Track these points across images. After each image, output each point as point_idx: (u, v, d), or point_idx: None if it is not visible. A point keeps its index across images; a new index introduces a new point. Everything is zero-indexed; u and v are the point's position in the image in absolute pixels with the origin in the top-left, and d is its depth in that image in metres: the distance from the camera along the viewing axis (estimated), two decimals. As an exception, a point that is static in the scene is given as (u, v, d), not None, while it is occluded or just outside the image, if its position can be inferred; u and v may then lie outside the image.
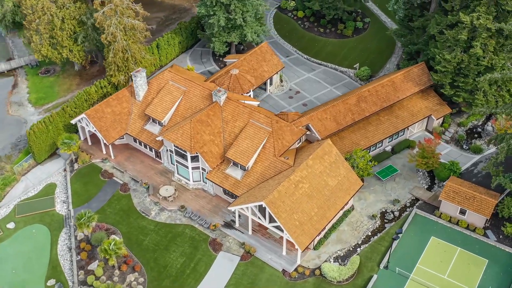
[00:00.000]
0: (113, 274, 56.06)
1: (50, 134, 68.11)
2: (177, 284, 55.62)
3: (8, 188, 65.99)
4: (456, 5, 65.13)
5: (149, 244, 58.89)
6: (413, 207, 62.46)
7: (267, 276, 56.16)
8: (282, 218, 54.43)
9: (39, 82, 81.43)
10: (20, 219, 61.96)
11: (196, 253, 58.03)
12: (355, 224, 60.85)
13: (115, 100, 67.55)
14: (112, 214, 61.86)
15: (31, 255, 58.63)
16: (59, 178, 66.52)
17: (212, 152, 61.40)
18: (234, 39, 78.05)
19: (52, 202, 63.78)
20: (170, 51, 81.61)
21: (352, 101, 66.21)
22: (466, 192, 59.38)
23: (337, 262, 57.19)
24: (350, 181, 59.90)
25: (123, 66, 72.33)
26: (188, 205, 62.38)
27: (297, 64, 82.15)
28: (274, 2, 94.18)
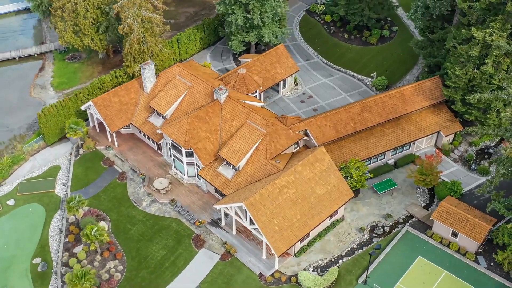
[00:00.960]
0: (95, 259, 57.48)
1: (61, 118, 70.38)
2: (154, 276, 56.40)
3: (16, 166, 68.72)
4: (473, 19, 62.71)
5: (135, 234, 59.97)
6: (405, 224, 60.73)
7: (243, 278, 56.07)
8: (261, 221, 54.19)
9: (64, 67, 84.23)
10: (21, 197, 64.41)
11: (178, 248, 58.63)
12: (342, 235, 59.79)
13: (124, 90, 69.05)
14: (105, 201, 63.36)
15: (24, 232, 60.87)
16: (64, 161, 68.70)
17: (206, 149, 61.80)
18: (252, 39, 78.11)
19: (53, 183, 65.96)
20: (191, 46, 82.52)
21: (356, 110, 64.97)
22: (460, 214, 57.21)
23: (315, 272, 56.40)
24: (340, 191, 58.88)
25: (138, 57, 73.79)
26: (180, 199, 63.07)
27: (315, 68, 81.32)
28: (304, 5, 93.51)
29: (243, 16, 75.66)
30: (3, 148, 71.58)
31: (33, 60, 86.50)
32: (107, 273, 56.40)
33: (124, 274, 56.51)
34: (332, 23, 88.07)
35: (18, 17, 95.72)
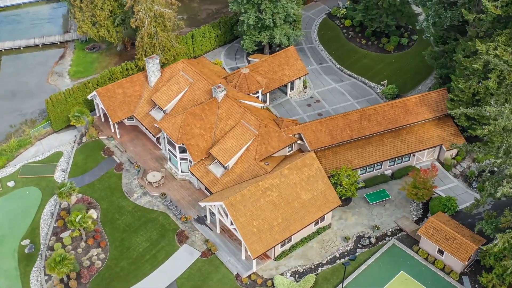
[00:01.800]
0: (79, 245, 58.75)
1: (69, 106, 72.12)
2: (134, 267, 57.16)
3: (22, 149, 70.94)
4: (481, 31, 60.64)
5: (122, 224, 60.93)
6: (393, 237, 59.35)
7: (220, 277, 56.14)
8: (239, 222, 54.10)
9: (83, 57, 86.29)
10: (21, 179, 66.46)
11: (161, 241, 59.22)
12: (325, 243, 59.00)
13: (129, 83, 70.18)
14: (99, 190, 64.62)
15: (18, 214, 62.77)
16: (67, 148, 70.43)
17: (198, 146, 62.12)
18: (264, 39, 77.97)
19: (53, 169, 67.74)
20: (206, 43, 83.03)
21: (354, 117, 63.89)
22: (447, 231, 55.49)
23: (293, 277, 55.87)
24: (327, 198, 58.09)
25: (149, 51, 74.85)
26: (170, 194, 63.66)
27: (327, 72, 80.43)
28: (326, 8, 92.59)
29: (255, 16, 75.59)
30: (13, 131, 74.03)
31: (55, 48, 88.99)
32: (89, 260, 57.54)
33: (105, 263, 57.52)
34: (351, 28, 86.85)
35: (48, 6, 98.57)
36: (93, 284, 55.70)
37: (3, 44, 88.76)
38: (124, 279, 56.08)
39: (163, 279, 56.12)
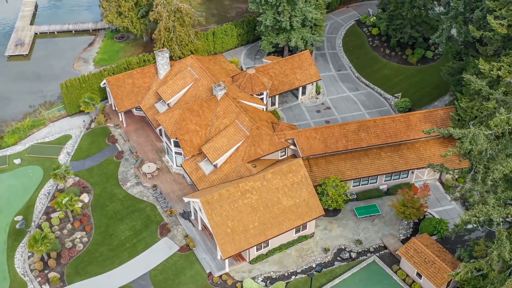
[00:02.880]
0: (65, 227, 60.61)
1: (83, 92, 74.37)
2: (112, 254, 58.38)
3: (35, 129, 73.82)
4: (491, 50, 57.93)
5: (110, 211, 62.30)
6: (375, 253, 57.76)
7: (193, 273, 56.48)
8: (213, 220, 54.21)
9: (111, 45, 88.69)
10: (27, 158, 69.16)
11: (144, 232, 60.17)
12: (304, 252, 58.16)
13: (139, 74, 71.60)
14: (96, 175, 66.36)
15: (18, 190, 65.32)
16: (76, 132, 72.67)
17: (192, 141, 62.62)
18: (280, 41, 77.57)
19: (59, 151, 70.07)
20: (227, 41, 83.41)
21: (352, 127, 62.56)
22: (428, 254, 53.46)
23: (264, 282, 55.44)
24: (310, 207, 57.22)
25: (167, 44, 76.10)
26: (162, 186, 64.54)
27: (344, 80, 79.09)
28: (356, 15, 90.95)
29: (273, 17, 75.32)
30: (31, 112, 77.09)
31: (87, 35, 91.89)
32: (72, 242, 59.23)
33: (86, 247, 59.04)
34: (378, 37, 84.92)
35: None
36: (71, 266, 57.31)
37: (39, 27, 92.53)
38: (100, 264, 57.39)
39: (137, 268, 57.04)
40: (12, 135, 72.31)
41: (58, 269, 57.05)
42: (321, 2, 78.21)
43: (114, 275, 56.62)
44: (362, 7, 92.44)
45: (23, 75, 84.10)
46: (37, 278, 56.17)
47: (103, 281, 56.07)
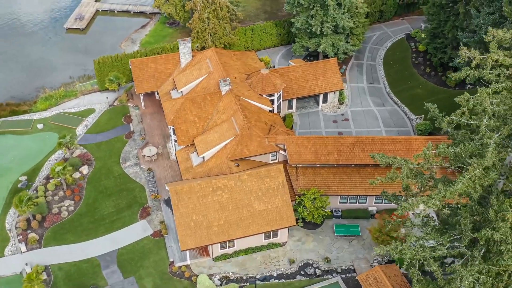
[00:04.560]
0: (58, 193, 63.96)
1: (114, 70, 77.68)
2: (91, 226, 60.85)
3: (66, 99, 78.33)
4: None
5: (101, 186, 64.86)
6: (341, 275, 55.56)
7: (157, 259, 57.54)
8: (178, 211, 54.85)
9: (160, 30, 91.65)
10: (50, 124, 73.59)
11: (125, 211, 62.07)
12: (270, 259, 57.21)
13: (163, 59, 73.51)
14: (102, 150, 69.27)
15: (31, 153, 69.67)
16: (100, 107, 76.17)
17: (188, 131, 63.48)
18: (311, 46, 76.18)
19: (79, 122, 73.86)
20: (266, 39, 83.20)
21: (347, 142, 60.30)
22: (386, 286, 50.59)
23: (220, 282, 55.30)
24: (281, 215, 56.11)
25: (201, 35, 77.50)
26: (157, 170, 66.10)
27: (372, 93, 76.23)
28: (409, 28, 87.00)
29: (305, 20, 74.16)
30: (69, 82, 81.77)
31: (143, 17, 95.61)
32: (59, 208, 62.44)
33: (70, 215, 62.00)
34: (423, 54, 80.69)
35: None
36: (51, 230, 60.50)
37: (101, 5, 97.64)
38: (77, 234, 60.05)
39: (108, 244, 59.07)
40: (44, 101, 77.24)
41: (39, 231, 60.45)
42: (360, 11, 75.65)
43: (86, 246, 59.05)
44: (417, 21, 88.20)
45: (75, 47, 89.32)
46: (18, 236, 59.93)
47: (74, 250, 58.68)
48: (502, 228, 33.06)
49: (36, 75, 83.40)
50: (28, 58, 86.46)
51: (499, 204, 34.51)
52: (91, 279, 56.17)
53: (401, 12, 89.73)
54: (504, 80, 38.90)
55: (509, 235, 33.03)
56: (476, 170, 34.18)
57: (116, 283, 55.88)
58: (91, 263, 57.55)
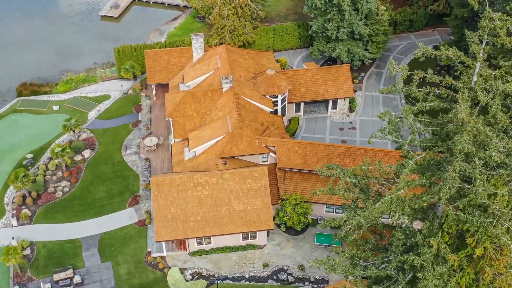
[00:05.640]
0: (57, 174, 66.08)
1: (133, 59, 79.33)
2: (81, 208, 62.47)
3: (86, 84, 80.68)
4: None
5: (99, 171, 66.39)
6: (313, 284, 54.58)
7: (135, 247, 58.48)
8: (157, 202, 55.48)
9: (189, 23, 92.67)
10: (65, 107, 76.00)
11: (116, 197, 63.34)
12: (245, 260, 56.96)
13: (177, 52, 74.41)
14: (107, 136, 70.92)
15: (42, 133, 72.13)
16: (116, 94, 77.96)
17: (184, 125, 64.03)
18: (327, 50, 74.98)
19: (92, 107, 75.94)
20: (288, 40, 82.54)
21: (338, 151, 59.08)
22: (351, 301, 49.23)
23: (191, 276, 55.56)
24: (260, 218, 55.71)
25: (220, 31, 77.93)
26: (154, 161, 67.05)
27: (386, 104, 74.33)
28: (439, 40, 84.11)
29: (322, 24, 73.10)
30: (92, 68, 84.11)
31: (176, 10, 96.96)
32: (54, 188, 64.50)
33: (64, 196, 63.90)
34: (447, 67, 77.69)
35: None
36: (44, 208, 62.58)
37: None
38: (67, 215, 61.85)
39: (93, 228, 60.52)
40: (65, 84, 79.85)
41: (32, 208, 62.69)
42: (382, 18, 73.69)
43: (72, 227, 60.77)
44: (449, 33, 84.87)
45: (105, 34, 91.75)
46: (12, 210, 62.38)
47: (61, 229, 60.49)
48: (425, 254, 31.42)
49: (63, 58, 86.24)
50: (59, 41, 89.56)
51: (429, 228, 32.79)
52: (71, 259, 57.74)
53: (433, 22, 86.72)
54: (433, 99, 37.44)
55: (431, 262, 31.35)
56: (394, 193, 32.80)
57: (93, 266, 57.19)
58: (73, 244, 59.16)
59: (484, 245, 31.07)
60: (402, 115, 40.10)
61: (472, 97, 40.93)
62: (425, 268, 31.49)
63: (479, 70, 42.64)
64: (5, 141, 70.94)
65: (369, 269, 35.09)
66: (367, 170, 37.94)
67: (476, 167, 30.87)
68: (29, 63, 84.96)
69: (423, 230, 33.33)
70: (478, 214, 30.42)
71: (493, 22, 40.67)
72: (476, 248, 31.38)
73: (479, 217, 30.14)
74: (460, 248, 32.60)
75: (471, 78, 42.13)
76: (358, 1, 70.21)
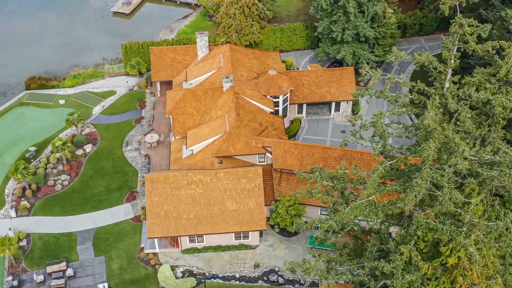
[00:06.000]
0: (57, 167, 66.82)
1: (140, 56, 79.85)
2: (79, 202, 63.06)
3: (93, 79, 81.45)
4: None
5: (99, 166, 66.94)
6: (303, 287, 54.32)
7: (129, 243, 58.88)
8: (150, 199, 55.77)
9: (200, 22, 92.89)
10: (71, 101, 76.82)
11: (114, 193, 63.82)
12: (237, 260, 56.97)
13: (182, 50, 74.70)
14: (110, 132, 71.47)
15: (47, 126, 72.93)
16: (121, 90, 78.55)
17: (184, 123, 64.27)
18: (332, 52, 74.55)
19: (98, 102, 76.61)
20: (295, 40, 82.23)
21: (334, 153, 58.75)
22: (338, 305, 48.96)
23: (182, 274, 55.73)
24: (253, 218, 55.65)
25: (227, 30, 78.02)
26: (154, 158, 67.40)
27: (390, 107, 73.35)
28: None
29: (327, 26, 72.72)
30: (100, 64, 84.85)
31: (187, 8, 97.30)
32: (54, 181, 65.22)
33: (63, 189, 64.59)
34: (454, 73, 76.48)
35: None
36: (42, 201, 63.33)
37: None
38: (64, 209, 62.50)
39: (90, 222, 61.09)
40: (72, 79, 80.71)
41: (32, 200, 63.50)
42: (389, 21, 73.00)
43: (69, 220, 61.42)
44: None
45: (116, 31, 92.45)
46: (12, 202, 63.27)
47: (58, 222, 61.18)
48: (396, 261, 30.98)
49: (73, 53, 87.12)
50: (70, 36, 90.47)
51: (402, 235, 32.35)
52: (65, 252, 58.36)
53: (444, 26, 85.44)
54: (405, 104, 37.13)
55: (401, 269, 30.89)
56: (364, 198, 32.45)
57: (86, 259, 57.74)
58: (69, 237, 59.79)
59: (458, 254, 30.54)
60: (373, 119, 39.61)
61: (443, 103, 40.40)
62: (394, 275, 31.04)
63: (451, 76, 42.21)
64: (11, 134, 71.97)
65: (343, 274, 34.80)
66: (343, 174, 37.60)
67: (445, 175, 30.33)
68: (40, 57, 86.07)
69: (396, 237, 32.89)
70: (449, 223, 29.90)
71: (463, 28, 40.00)
72: (449, 257, 30.86)
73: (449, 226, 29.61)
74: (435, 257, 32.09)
75: (443, 84, 41.62)
76: (364, 3, 69.63)
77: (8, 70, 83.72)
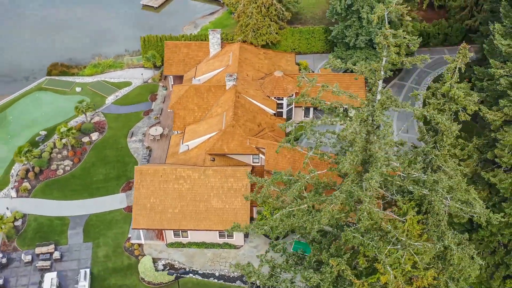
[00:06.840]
0: (62, 152, 68.58)
1: (158, 49, 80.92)
2: (78, 188, 64.57)
3: (111, 69, 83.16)
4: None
5: (103, 154, 68.28)
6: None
7: (118, 232, 59.88)
8: (138, 190, 56.53)
9: (225, 19, 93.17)
10: (87, 89, 78.71)
11: (111, 181, 65.01)
12: (219, 258, 57.05)
13: (196, 46, 75.26)
14: (118, 122, 72.79)
15: (61, 112, 74.94)
16: (137, 82, 79.85)
17: (184, 118, 64.78)
18: (345, 57, 73.35)
19: (111, 92, 78.16)
20: (313, 43, 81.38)
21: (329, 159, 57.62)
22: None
23: (163, 267, 56.22)
24: (237, 218, 55.59)
25: (245, 29, 78.10)
26: (155, 150, 68.23)
27: (401, 118, 72.02)
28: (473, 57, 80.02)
29: (341, 30, 71.70)
30: (121, 54, 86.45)
31: (216, 5, 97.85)
32: (57, 166, 67.00)
33: (65, 174, 66.27)
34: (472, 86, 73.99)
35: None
36: (44, 184, 65.18)
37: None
38: (63, 193, 64.10)
39: (84, 208, 62.50)
40: (92, 68, 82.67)
41: (33, 182, 65.45)
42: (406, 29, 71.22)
43: (65, 205, 63.00)
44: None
45: (142, 23, 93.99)
46: (15, 182, 65.42)
47: (54, 205, 62.84)
48: (325, 273, 30.22)
49: (98, 43, 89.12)
50: (97, 26, 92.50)
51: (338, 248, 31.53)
52: (56, 235, 59.90)
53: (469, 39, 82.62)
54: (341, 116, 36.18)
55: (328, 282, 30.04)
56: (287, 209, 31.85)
57: (75, 244, 59.10)
58: (62, 221, 61.34)
59: (394, 272, 29.46)
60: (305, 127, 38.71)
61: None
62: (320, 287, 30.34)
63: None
64: (26, 117, 74.31)
65: (282, 281, 34.27)
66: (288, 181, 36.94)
67: (368, 190, 29.30)
68: (65, 45, 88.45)
69: (331, 249, 32.10)
70: (377, 240, 28.90)
71: (387, 39, 38.58)
72: (383, 274, 29.82)
73: (376, 243, 28.62)
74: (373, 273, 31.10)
75: (375, 95, 40.34)
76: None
77: (34, 56, 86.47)
